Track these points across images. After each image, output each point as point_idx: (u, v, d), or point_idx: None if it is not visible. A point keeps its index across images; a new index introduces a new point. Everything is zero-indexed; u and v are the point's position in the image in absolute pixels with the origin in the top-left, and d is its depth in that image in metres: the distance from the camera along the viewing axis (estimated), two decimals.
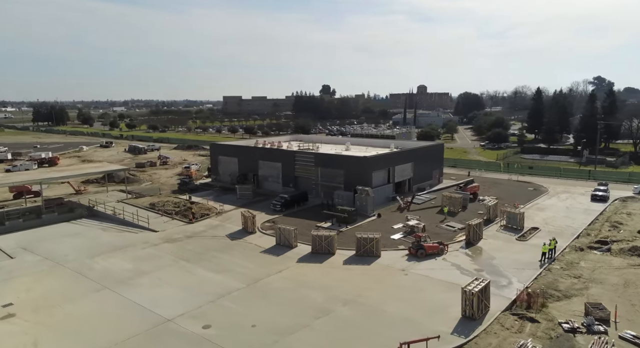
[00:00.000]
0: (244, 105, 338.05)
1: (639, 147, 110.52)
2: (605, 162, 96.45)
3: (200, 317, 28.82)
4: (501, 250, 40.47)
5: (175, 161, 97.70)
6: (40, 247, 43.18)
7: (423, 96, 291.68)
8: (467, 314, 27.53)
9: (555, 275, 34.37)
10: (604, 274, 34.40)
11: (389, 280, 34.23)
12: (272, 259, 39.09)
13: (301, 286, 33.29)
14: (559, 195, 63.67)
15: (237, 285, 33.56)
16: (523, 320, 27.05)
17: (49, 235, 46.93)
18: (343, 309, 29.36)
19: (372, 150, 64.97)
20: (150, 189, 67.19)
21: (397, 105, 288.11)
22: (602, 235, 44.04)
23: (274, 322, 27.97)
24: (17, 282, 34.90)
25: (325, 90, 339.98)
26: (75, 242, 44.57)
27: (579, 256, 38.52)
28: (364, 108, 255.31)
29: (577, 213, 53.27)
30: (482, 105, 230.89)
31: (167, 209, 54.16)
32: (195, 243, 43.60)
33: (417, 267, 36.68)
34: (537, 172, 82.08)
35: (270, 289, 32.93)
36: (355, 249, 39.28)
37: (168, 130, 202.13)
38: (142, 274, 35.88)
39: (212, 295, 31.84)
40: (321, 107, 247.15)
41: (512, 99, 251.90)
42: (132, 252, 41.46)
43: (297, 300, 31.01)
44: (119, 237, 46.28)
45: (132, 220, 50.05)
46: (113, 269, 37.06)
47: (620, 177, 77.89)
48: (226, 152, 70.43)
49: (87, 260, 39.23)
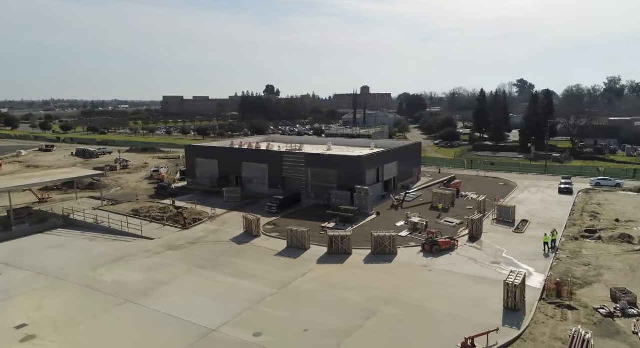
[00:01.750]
0: (186, 106, 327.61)
1: (577, 143, 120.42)
2: (552, 158, 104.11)
3: (244, 325, 27.76)
4: (504, 243, 42.47)
5: (136, 165, 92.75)
6: (25, 261, 39.46)
7: (366, 97, 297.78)
8: (510, 306, 28.63)
9: (567, 264, 36.68)
10: (608, 261, 37.22)
11: (417, 277, 34.81)
12: (290, 262, 38.41)
13: (333, 287, 33.00)
14: (528, 189, 67.85)
15: (267, 290, 32.64)
16: (561, 308, 28.64)
17: (27, 249, 43.00)
18: (387, 309, 29.47)
19: (355, 149, 65.54)
20: (124, 195, 63.37)
21: (342, 106, 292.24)
22: (587, 225, 47.54)
23: (324, 324, 27.54)
24: (19, 300, 31.69)
25: (270, 91, 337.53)
26: (64, 255, 41.19)
27: (577, 245, 41.35)
28: (312, 108, 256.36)
29: (553, 205, 57.11)
30: (424, 106, 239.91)
31: (156, 215, 51.43)
32: (202, 249, 41.83)
33: (437, 263, 37.60)
34: (499, 168, 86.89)
35: (303, 292, 32.37)
36: (373, 248, 39.54)
37: (109, 132, 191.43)
38: (161, 284, 33.89)
39: (246, 302, 30.75)
40: (269, 108, 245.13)
41: (450, 100, 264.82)
42: (137, 261, 39.01)
43: (337, 301, 30.70)
44: (112, 246, 43.34)
45: (121, 228, 47.06)
46: (125, 281, 34.68)
47: (573, 171, 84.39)
48: (204, 154, 68.03)
49: (90, 273, 36.40)
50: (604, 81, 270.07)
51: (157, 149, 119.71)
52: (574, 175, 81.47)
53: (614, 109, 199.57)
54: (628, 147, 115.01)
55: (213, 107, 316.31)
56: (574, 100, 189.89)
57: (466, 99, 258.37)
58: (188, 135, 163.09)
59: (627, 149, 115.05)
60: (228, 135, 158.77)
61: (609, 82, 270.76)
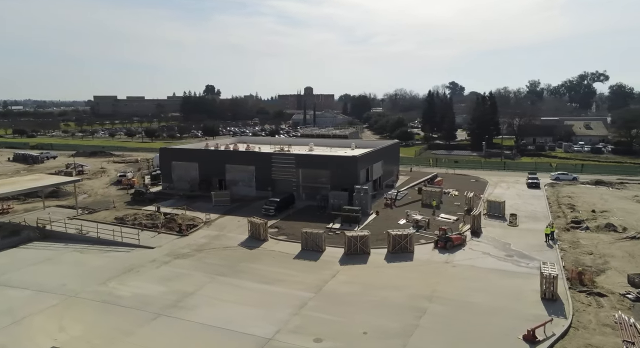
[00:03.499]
0: (120, 106, 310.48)
1: (518, 141, 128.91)
2: (503, 155, 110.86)
3: (300, 331, 26.91)
4: (506, 236, 44.47)
5: (92, 170, 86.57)
6: (14, 279, 35.63)
7: (310, 97, 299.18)
8: (547, 296, 30.05)
9: (573, 254, 39.14)
10: (606, 249, 40.21)
11: (444, 273, 35.49)
12: (312, 264, 37.74)
13: (370, 288, 32.84)
14: (499, 184, 71.60)
15: (304, 294, 31.84)
16: (592, 296, 30.57)
17: (9, 265, 38.77)
18: (434, 306, 29.78)
19: (338, 150, 65.68)
20: (97, 203, 58.98)
21: (287, 106, 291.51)
22: (571, 216, 51.05)
23: (379, 326, 27.35)
24: (33, 322, 28.52)
25: (210, 91, 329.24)
26: (58, 270, 37.60)
27: (572, 235, 44.30)
28: (258, 109, 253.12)
29: (530, 199, 60.69)
30: (369, 107, 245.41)
31: (146, 223, 48.41)
32: (213, 256, 39.94)
33: (455, 258, 38.62)
34: (462, 166, 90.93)
35: (342, 294, 31.89)
36: (391, 246, 39.85)
37: (38, 134, 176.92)
38: (187, 295, 31.94)
39: (289, 307, 29.83)
40: (213, 108, 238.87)
41: (392, 100, 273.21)
42: (147, 272, 36.48)
43: (380, 302, 30.56)
44: (110, 258, 40.22)
45: (113, 238, 43.80)
46: (146, 294, 32.31)
47: (529, 167, 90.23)
48: (181, 156, 64.93)
49: (100, 288, 33.54)
50: (526, 84, 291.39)
51: (108, 152, 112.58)
52: (529, 170, 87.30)
53: (537, 110, 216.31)
54: (565, 145, 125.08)
55: (150, 107, 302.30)
56: (502, 102, 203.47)
57: (407, 100, 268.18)
58: (134, 137, 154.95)
59: (564, 145, 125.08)
60: (178, 137, 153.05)
61: (531, 85, 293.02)
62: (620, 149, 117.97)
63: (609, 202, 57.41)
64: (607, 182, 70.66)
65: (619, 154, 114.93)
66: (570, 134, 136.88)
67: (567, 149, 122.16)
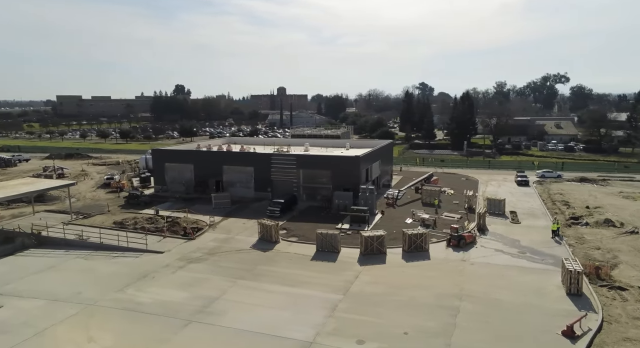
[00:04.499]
0: (85, 106, 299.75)
1: (494, 141, 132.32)
2: (484, 154, 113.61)
3: (339, 333, 26.59)
4: (512, 233, 45.40)
5: (73, 173, 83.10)
6: (21, 288, 33.86)
7: (284, 98, 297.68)
8: (572, 291, 30.81)
9: (582, 249, 40.33)
10: (610, 244, 41.67)
11: (464, 271, 35.80)
12: (331, 266, 37.45)
13: (396, 288, 32.81)
14: (489, 182, 73.20)
15: (333, 296, 31.51)
16: (614, 290, 31.58)
17: (10, 274, 36.80)
18: (464, 304, 29.96)
19: (334, 150, 65.50)
20: (88, 207, 56.60)
21: (260, 106, 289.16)
22: (568, 212, 52.69)
23: (418, 326, 27.33)
24: (58, 332, 27.13)
25: (180, 91, 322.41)
26: (67, 277, 35.94)
27: (574, 231, 45.71)
28: (232, 109, 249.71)
29: (522, 196, 62.31)
30: (344, 107, 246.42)
31: (149, 227, 46.84)
32: (228, 259, 39.01)
33: (471, 256, 39.11)
34: (449, 165, 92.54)
35: (371, 295, 31.72)
36: (407, 246, 39.99)
37: None
38: (212, 300, 31.05)
39: (322, 310, 29.45)
40: (185, 109, 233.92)
41: (366, 101, 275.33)
42: (164, 278, 35.28)
43: (410, 302, 30.54)
44: (119, 264, 38.73)
45: (118, 243, 42.16)
46: (169, 300, 31.22)
47: (511, 165, 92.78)
48: (176, 158, 63.19)
49: (119, 295, 32.21)
50: (493, 85, 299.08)
51: (84, 154, 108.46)
52: (512, 169, 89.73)
53: (507, 109, 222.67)
54: (540, 143, 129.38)
55: (118, 107, 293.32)
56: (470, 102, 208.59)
57: (381, 100, 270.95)
58: (107, 138, 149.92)
59: (539, 144, 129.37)
60: (153, 139, 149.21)
61: (498, 86, 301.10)
62: (591, 147, 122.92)
63: (599, 199, 59.62)
64: (590, 179, 73.45)
65: (590, 152, 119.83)
66: (542, 133, 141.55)
67: (542, 147, 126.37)
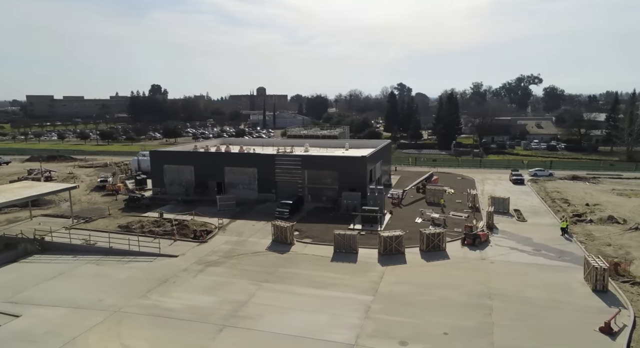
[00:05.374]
0: (58, 107, 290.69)
1: (476, 140, 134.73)
2: (472, 153, 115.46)
3: (379, 335, 26.40)
4: (521, 231, 46.09)
5: (61, 176, 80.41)
6: (35, 297, 32.57)
7: (263, 98, 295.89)
8: (598, 288, 31.43)
9: (593, 246, 41.15)
10: (619, 240, 42.75)
11: (486, 270, 36.04)
12: (353, 267, 37.21)
13: (425, 288, 32.82)
14: (484, 181, 74.18)
15: (363, 297, 31.31)
16: (636, 285, 32.40)
17: (19, 282, 35.31)
18: (496, 303, 30.05)
19: (335, 150, 65.27)
20: (86, 211, 54.80)
21: (240, 107, 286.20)
22: (570, 210, 53.87)
23: (456, 325, 27.32)
24: (89, 341, 26.14)
25: (157, 91, 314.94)
26: (83, 283, 34.76)
27: (581, 228, 46.74)
28: (213, 109, 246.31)
29: (521, 195, 63.32)
30: (326, 107, 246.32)
31: (158, 230, 45.67)
32: (247, 262, 38.33)
33: (488, 254, 39.46)
34: (441, 164, 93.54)
35: (401, 295, 31.63)
36: (425, 245, 40.13)
37: None
38: (242, 304, 30.44)
39: (356, 312, 29.23)
40: (164, 109, 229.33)
41: (347, 101, 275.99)
42: (185, 282, 34.41)
43: (441, 301, 30.55)
44: (133, 268, 37.61)
45: (128, 247, 40.94)
46: (197, 305, 30.46)
47: (502, 164, 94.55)
48: (175, 159, 61.82)
49: (143, 301, 31.26)
50: (470, 86, 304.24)
51: (68, 156, 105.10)
52: (503, 168, 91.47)
53: (483, 110, 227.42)
54: (524, 143, 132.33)
55: (92, 107, 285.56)
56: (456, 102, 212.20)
57: (362, 100, 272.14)
58: (88, 139, 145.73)
59: (523, 143, 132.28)
60: (140, 139, 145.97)
61: (475, 86, 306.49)
62: (572, 146, 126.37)
63: (595, 196, 61.21)
64: (582, 177, 75.42)
65: (572, 150, 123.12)
66: (524, 132, 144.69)
67: (525, 146, 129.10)
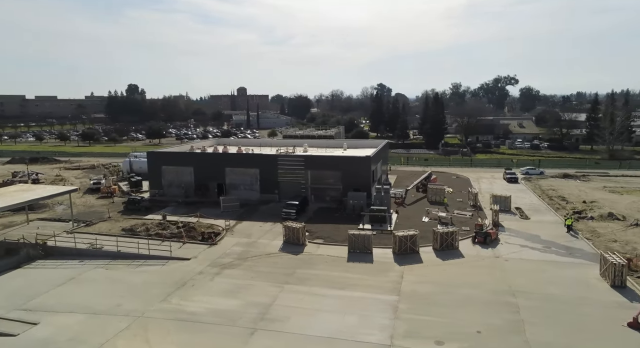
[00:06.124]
0: (30, 107, 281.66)
1: (462, 140, 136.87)
2: (461, 152, 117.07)
3: (414, 335, 26.30)
4: (527, 229, 46.76)
5: (48, 178, 77.80)
6: (49, 303, 31.45)
7: (244, 98, 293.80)
8: (616, 283, 32.01)
9: (600, 242, 42.01)
10: (624, 236, 43.78)
11: (503, 267, 36.34)
12: (371, 267, 37.07)
13: (447, 287, 32.86)
14: (479, 180, 75.17)
15: (388, 297, 31.19)
16: None
17: (28, 288, 33.99)
18: (522, 301, 30.17)
19: (334, 150, 65.09)
20: (84, 214, 53.04)
21: (220, 107, 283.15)
22: (570, 207, 54.99)
23: (488, 324, 27.38)
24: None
25: (134, 91, 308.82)
26: (94, 289, 33.66)
27: (585, 225, 47.73)
28: (194, 110, 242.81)
29: (518, 192, 64.05)
30: (309, 107, 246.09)
31: (165, 233, 44.61)
32: (262, 264, 37.75)
33: (501, 252, 39.85)
34: (433, 164, 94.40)
35: (424, 295, 31.61)
36: (438, 244, 40.31)
37: None
38: (267, 307, 29.93)
39: (384, 312, 29.08)
40: (144, 109, 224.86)
41: (330, 101, 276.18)
42: (203, 285, 33.70)
43: (467, 300, 30.62)
44: (146, 272, 36.65)
45: (137, 251, 39.86)
46: (222, 308, 29.81)
47: (492, 163, 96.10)
48: (174, 161, 60.55)
49: (164, 305, 30.45)
50: (449, 86, 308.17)
51: (51, 158, 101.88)
52: (493, 166, 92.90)
53: (468, 110, 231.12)
54: (509, 142, 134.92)
55: (67, 108, 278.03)
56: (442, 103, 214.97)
57: (344, 101, 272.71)
58: (67, 141, 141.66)
59: (507, 143, 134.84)
60: (122, 140, 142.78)
61: (453, 87, 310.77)
62: (554, 145, 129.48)
63: (589, 193, 62.71)
64: (572, 175, 77.21)
65: (554, 149, 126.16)
66: (507, 132, 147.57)
67: (510, 145, 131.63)
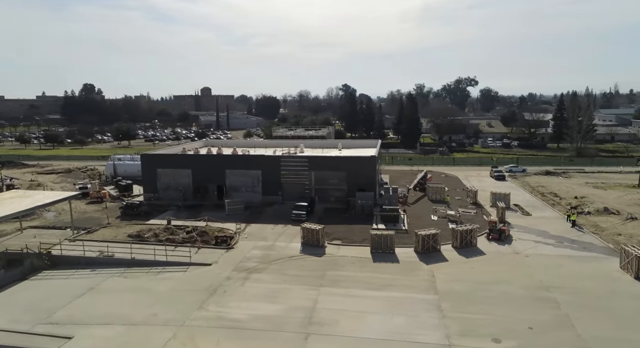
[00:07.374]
0: None
1: (435, 139, 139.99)
2: (439, 152, 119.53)
3: (469, 334, 26.38)
4: (533, 224, 48.11)
5: (22, 183, 73.22)
6: (78, 315, 29.58)
7: (210, 98, 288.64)
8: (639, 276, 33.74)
9: (606, 236, 43.80)
10: (624, 230, 45.89)
11: (528, 263, 37.06)
12: (396, 267, 37.06)
13: (479, 284, 33.16)
14: (468, 178, 76.91)
15: (427, 296, 31.26)
16: None
17: (46, 301, 31.79)
18: (558, 295, 30.75)
19: (330, 150, 64.77)
20: (83, 220, 50.34)
21: (184, 107, 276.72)
22: (565, 203, 57.11)
23: (535, 320, 27.68)
24: None
25: (90, 90, 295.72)
26: (121, 299, 31.99)
27: (586, 220, 49.61)
28: (158, 110, 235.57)
29: (509, 189, 64.83)
30: (279, 108, 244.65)
31: (176, 238, 42.92)
32: (289, 267, 36.98)
33: (518, 248, 40.72)
34: (417, 163, 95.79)
35: (462, 293, 31.76)
36: (458, 242, 40.82)
37: None
38: (311, 310, 29.31)
39: (429, 311, 29.11)
40: (103, 110, 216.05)
41: (298, 102, 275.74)
42: (235, 291, 32.62)
43: (504, 297, 30.98)
44: (169, 279, 35.18)
45: (154, 257, 38.13)
46: (265, 314, 28.94)
47: (472, 162, 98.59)
48: (170, 163, 58.39)
49: (202, 313, 29.30)
50: (413, 87, 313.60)
51: (18, 162, 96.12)
52: (474, 165, 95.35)
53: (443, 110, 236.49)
54: (481, 141, 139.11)
55: (17, 108, 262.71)
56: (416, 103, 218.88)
57: (312, 101, 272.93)
58: (28, 144, 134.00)
59: (480, 142, 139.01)
60: (87, 142, 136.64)
61: (417, 87, 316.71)
62: (523, 143, 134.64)
63: (576, 189, 65.38)
64: (554, 172, 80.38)
65: (524, 147, 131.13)
66: (478, 131, 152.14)
67: (483, 144, 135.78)
